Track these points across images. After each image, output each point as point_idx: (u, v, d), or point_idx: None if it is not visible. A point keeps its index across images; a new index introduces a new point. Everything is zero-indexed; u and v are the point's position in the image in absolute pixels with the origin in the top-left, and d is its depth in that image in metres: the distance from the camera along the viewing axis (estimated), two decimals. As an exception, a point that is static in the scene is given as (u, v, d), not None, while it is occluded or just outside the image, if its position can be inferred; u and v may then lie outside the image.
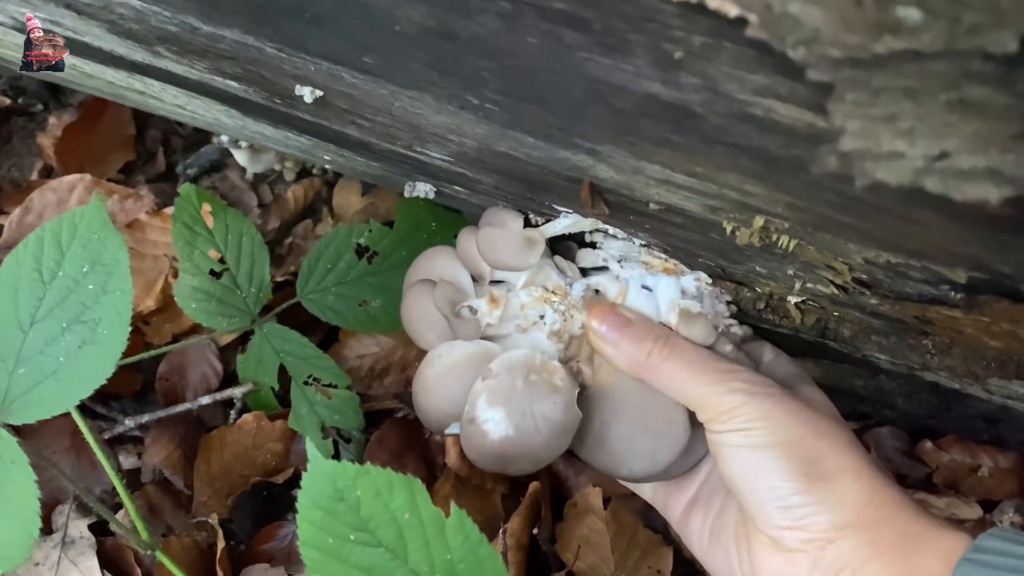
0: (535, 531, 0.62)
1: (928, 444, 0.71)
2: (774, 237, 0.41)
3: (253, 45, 0.45)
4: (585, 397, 0.48)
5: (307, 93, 0.48)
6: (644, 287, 0.50)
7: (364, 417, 0.67)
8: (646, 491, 0.53)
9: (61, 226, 0.47)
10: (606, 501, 0.64)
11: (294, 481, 0.67)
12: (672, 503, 0.51)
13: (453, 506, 0.40)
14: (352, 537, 0.39)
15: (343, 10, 0.37)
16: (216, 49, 0.48)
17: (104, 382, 0.45)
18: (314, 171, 0.89)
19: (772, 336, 0.57)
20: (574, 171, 0.44)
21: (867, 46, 0.21)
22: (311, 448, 0.39)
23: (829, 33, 0.22)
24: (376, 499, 0.39)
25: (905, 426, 0.74)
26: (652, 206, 0.44)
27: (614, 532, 0.64)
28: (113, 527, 0.54)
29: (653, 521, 0.65)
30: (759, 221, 0.40)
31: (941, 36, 0.21)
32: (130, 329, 0.45)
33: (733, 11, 0.24)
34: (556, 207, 0.53)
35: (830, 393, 0.72)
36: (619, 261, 0.52)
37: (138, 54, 0.54)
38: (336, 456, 0.67)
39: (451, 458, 0.64)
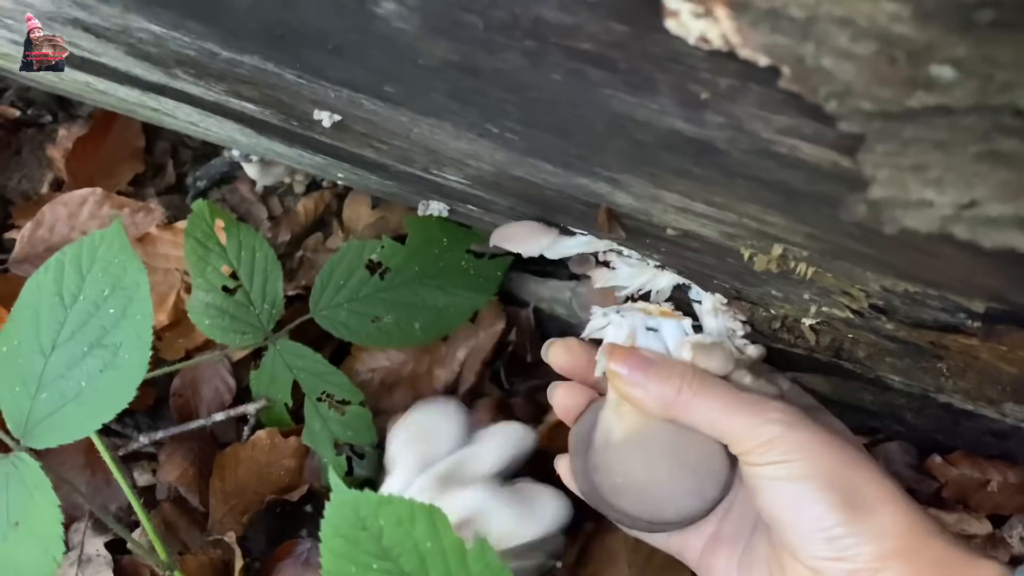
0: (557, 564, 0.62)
1: (937, 459, 0.72)
2: (792, 264, 0.42)
3: (273, 71, 0.45)
4: (615, 448, 0.48)
5: (325, 118, 0.48)
6: (649, 328, 0.50)
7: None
8: (658, 537, 0.52)
9: (81, 250, 0.47)
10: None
11: (308, 498, 0.67)
12: (690, 545, 0.50)
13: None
14: (375, 566, 0.39)
15: (367, 43, 0.37)
16: (235, 74, 0.48)
17: (126, 406, 0.45)
18: (324, 184, 0.89)
19: (786, 354, 0.57)
20: (592, 197, 0.45)
21: (899, 100, 0.22)
22: (334, 477, 0.39)
23: (861, 87, 0.22)
24: (398, 528, 0.39)
25: (914, 440, 0.74)
26: (669, 231, 0.44)
27: (631, 550, 0.64)
28: (130, 546, 0.54)
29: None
30: (777, 249, 0.41)
31: (973, 93, 0.21)
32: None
33: (763, 61, 0.24)
34: (571, 228, 0.53)
35: (840, 408, 0.73)
36: (617, 311, 0.52)
37: (155, 75, 0.55)
38: (349, 472, 0.67)
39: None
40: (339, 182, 0.70)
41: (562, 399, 0.53)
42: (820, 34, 0.22)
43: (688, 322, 0.51)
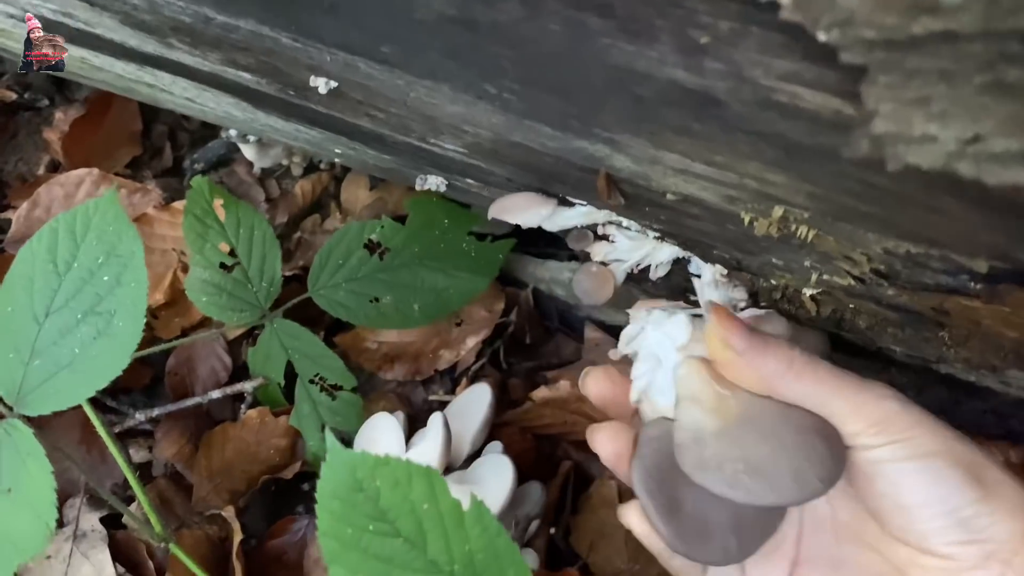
0: (552, 530, 0.62)
1: (938, 438, 0.71)
2: (792, 227, 0.41)
3: (268, 35, 0.45)
4: (716, 439, 0.41)
5: (322, 84, 0.48)
6: (695, 316, 0.46)
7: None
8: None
9: (75, 218, 0.47)
10: (620, 494, 0.64)
11: (302, 477, 0.67)
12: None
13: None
14: (371, 527, 0.39)
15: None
16: (230, 40, 0.48)
17: (119, 374, 0.45)
18: (322, 166, 0.88)
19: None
20: (590, 161, 0.44)
21: (903, 27, 0.21)
22: (331, 438, 0.39)
23: (864, 14, 0.21)
24: (395, 489, 0.39)
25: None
26: (669, 196, 0.44)
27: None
28: (126, 520, 0.54)
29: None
30: (778, 211, 0.40)
31: (979, 17, 0.20)
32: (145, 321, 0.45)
33: (764, -7, 0.23)
34: (570, 199, 0.53)
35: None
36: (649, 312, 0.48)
37: (150, 45, 0.54)
38: None
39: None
40: (336, 159, 0.69)
41: (608, 444, 0.46)
42: (822, -41, 0.21)
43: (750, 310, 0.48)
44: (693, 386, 0.42)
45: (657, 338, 0.46)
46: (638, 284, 0.62)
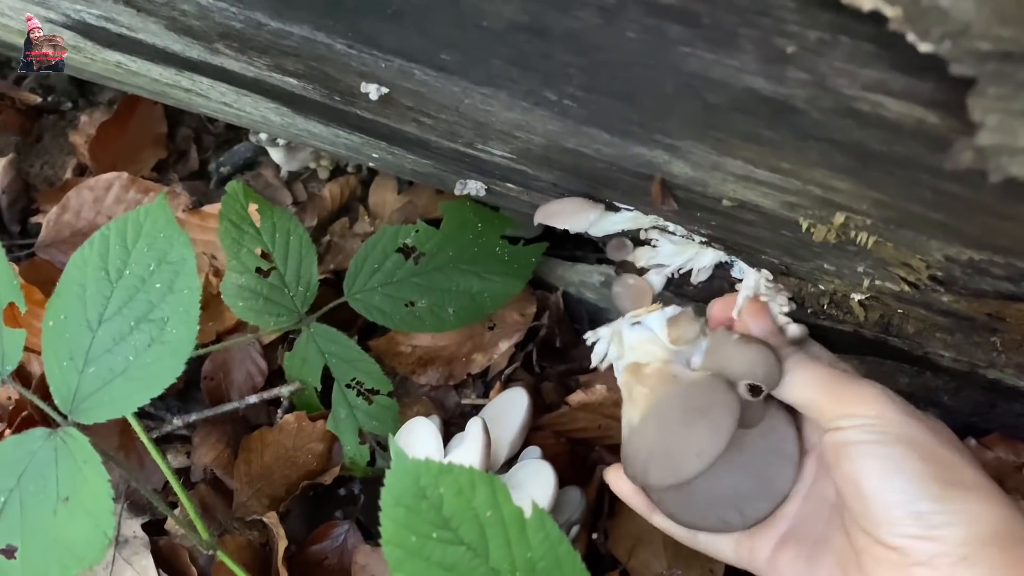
0: (594, 535, 0.62)
1: (973, 442, 0.71)
2: (852, 234, 0.41)
3: (322, 42, 0.45)
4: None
5: (373, 90, 0.47)
6: (634, 324, 0.51)
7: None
8: (726, 548, 0.48)
9: (126, 224, 0.47)
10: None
11: (339, 481, 0.67)
12: (759, 547, 0.46)
13: (534, 504, 0.40)
14: (434, 535, 0.39)
15: (429, 5, 0.36)
16: (280, 46, 0.47)
17: (174, 381, 0.44)
18: (349, 169, 0.88)
19: (829, 333, 0.57)
20: (645, 167, 0.44)
21: (1020, 39, 0.21)
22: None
23: (980, 26, 0.21)
24: (458, 497, 0.39)
25: (949, 423, 0.73)
26: (725, 203, 0.44)
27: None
28: (169, 526, 0.54)
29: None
30: (839, 218, 0.40)
31: (1098, 29, 0.20)
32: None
33: (868, 6, 0.23)
34: (617, 204, 0.53)
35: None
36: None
37: (194, 51, 0.54)
38: (372, 462, 0.67)
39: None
40: (372, 164, 0.69)
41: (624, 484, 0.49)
42: (939, -29, 0.21)
43: (671, 309, 0.51)
44: (625, 386, 0.49)
45: (611, 352, 0.52)
46: (678, 288, 0.62)
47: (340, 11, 0.41)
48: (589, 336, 0.54)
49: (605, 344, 0.53)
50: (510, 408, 0.65)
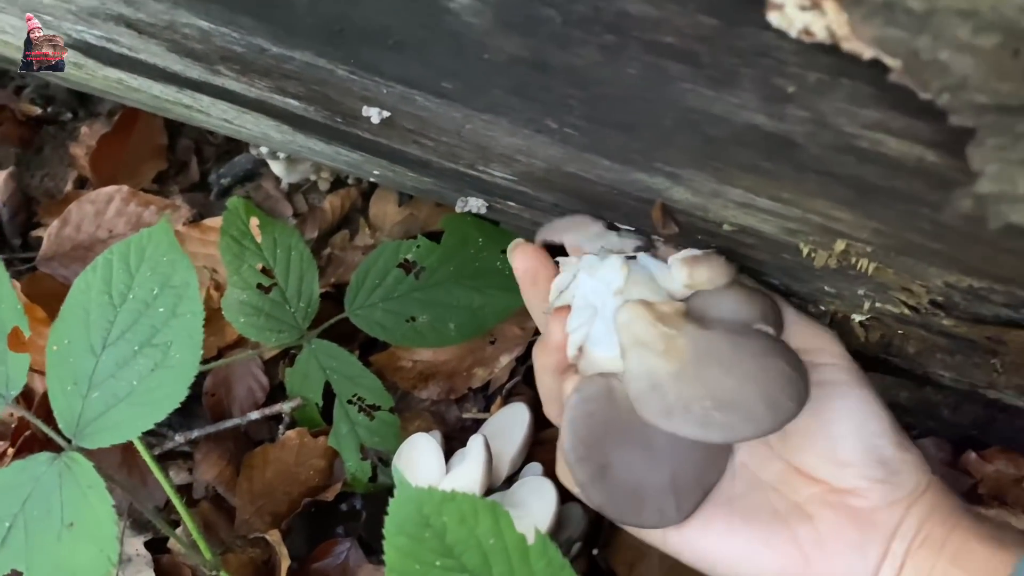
0: (595, 551, 0.62)
1: (972, 455, 0.72)
2: (853, 260, 0.41)
3: (324, 67, 0.45)
4: (675, 380, 0.39)
5: (374, 114, 0.48)
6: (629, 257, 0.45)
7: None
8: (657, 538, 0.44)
9: (129, 248, 0.47)
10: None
11: (340, 497, 0.67)
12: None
13: (536, 531, 0.40)
14: (438, 563, 0.39)
15: (432, 39, 0.36)
16: (282, 70, 0.48)
17: (178, 405, 0.45)
18: (349, 181, 0.88)
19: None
20: (646, 192, 0.44)
21: (1019, 93, 0.21)
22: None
23: (979, 81, 0.22)
24: (461, 525, 0.39)
25: (948, 437, 0.74)
26: (725, 227, 0.44)
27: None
28: (172, 545, 0.54)
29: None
30: (840, 245, 0.40)
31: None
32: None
33: (868, 54, 0.24)
34: (618, 224, 0.53)
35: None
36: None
37: (195, 71, 0.54)
38: (373, 478, 0.67)
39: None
40: (372, 179, 0.69)
41: (524, 261, 0.48)
42: (939, 27, 0.21)
43: (687, 251, 0.45)
44: (638, 330, 0.40)
45: (591, 285, 0.43)
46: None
47: (341, 40, 0.41)
48: (563, 260, 0.47)
49: (569, 277, 0.45)
50: (512, 424, 0.65)
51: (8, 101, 0.95)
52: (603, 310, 0.42)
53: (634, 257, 0.43)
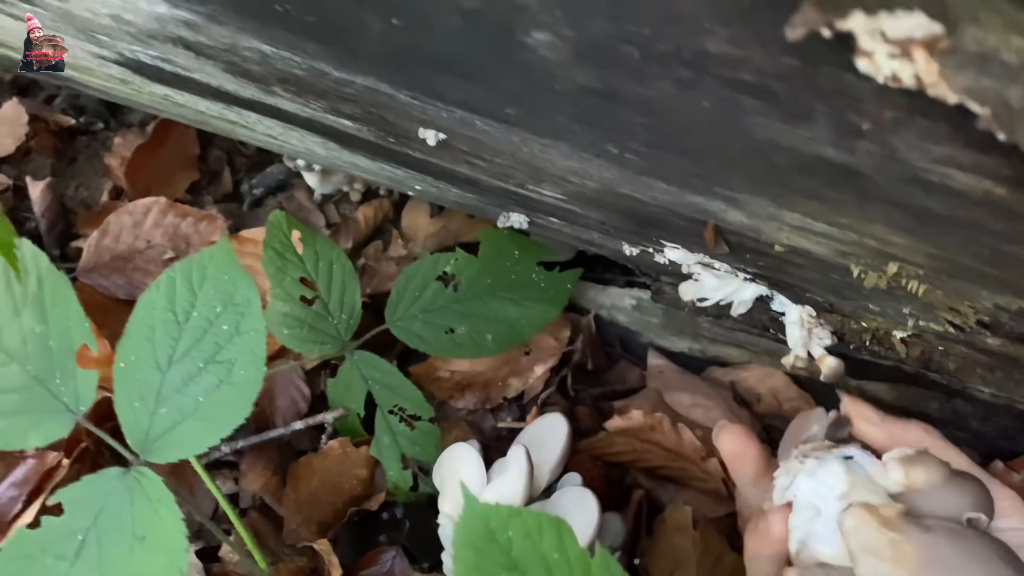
0: (636, 560, 0.63)
1: (1000, 464, 0.73)
2: (903, 282, 0.43)
3: (385, 92, 0.46)
4: None
5: (431, 136, 0.49)
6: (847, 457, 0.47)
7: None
8: None
9: (191, 267, 0.48)
10: (694, 521, 0.65)
11: (383, 505, 0.68)
12: None
13: (597, 545, 0.41)
14: (504, 577, 0.40)
15: (502, 69, 0.37)
16: (341, 92, 0.49)
17: (242, 421, 0.46)
18: (381, 192, 0.90)
19: (869, 366, 0.58)
20: (700, 214, 0.45)
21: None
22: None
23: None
24: (526, 540, 0.40)
25: (976, 446, 0.75)
26: (777, 248, 0.45)
27: (701, 552, 0.65)
28: (224, 554, 0.55)
29: (739, 545, 0.66)
30: (893, 267, 0.41)
31: None
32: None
33: (953, 99, 0.25)
34: (664, 241, 0.54)
35: (903, 414, 0.74)
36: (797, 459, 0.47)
37: (249, 91, 0.55)
38: (415, 487, 0.68)
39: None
40: (412, 193, 0.70)
41: (730, 445, 0.49)
42: (1031, 78, 0.22)
43: (898, 450, 0.46)
44: (865, 536, 0.42)
45: (812, 487, 0.46)
46: (719, 321, 0.63)
47: (409, 67, 0.42)
48: (782, 460, 0.48)
49: (788, 478, 0.47)
50: (549, 434, 0.66)
51: (40, 111, 0.97)
52: (826, 511, 0.45)
53: (851, 457, 0.46)
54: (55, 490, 0.59)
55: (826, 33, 0.25)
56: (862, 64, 0.26)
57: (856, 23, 0.24)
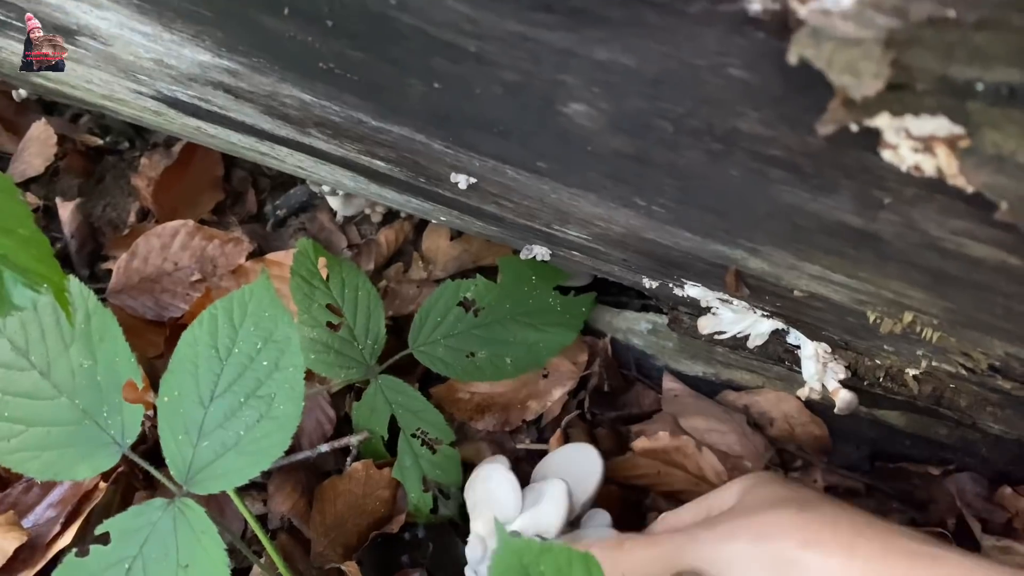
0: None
1: (1008, 490, 0.74)
2: (918, 329, 0.44)
3: (421, 141, 0.48)
4: None
5: (462, 181, 0.51)
6: None
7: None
8: None
9: (232, 304, 0.50)
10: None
11: (403, 527, 0.70)
12: None
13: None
14: (536, 612, 0.42)
15: (539, 132, 0.39)
16: (376, 139, 0.51)
17: (281, 455, 0.48)
18: (402, 214, 0.91)
19: (881, 399, 0.60)
20: (722, 260, 0.47)
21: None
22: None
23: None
24: (558, 575, 0.42)
25: (984, 471, 0.76)
26: (796, 293, 0.47)
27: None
28: (259, 575, 0.57)
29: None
30: (908, 317, 0.43)
31: None
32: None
33: (971, 189, 0.27)
34: (685, 280, 0.56)
35: (912, 440, 0.75)
36: None
37: (284, 131, 0.57)
38: (435, 510, 0.70)
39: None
40: (436, 222, 0.72)
41: None
42: (1045, 179, 0.24)
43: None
44: None
45: None
46: (734, 350, 0.65)
47: (446, 122, 0.44)
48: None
49: None
50: (580, 466, 0.67)
51: (67, 131, 0.99)
52: None
53: None
54: (92, 512, 0.61)
55: (854, 128, 0.27)
56: (887, 155, 0.28)
57: (882, 121, 0.26)
